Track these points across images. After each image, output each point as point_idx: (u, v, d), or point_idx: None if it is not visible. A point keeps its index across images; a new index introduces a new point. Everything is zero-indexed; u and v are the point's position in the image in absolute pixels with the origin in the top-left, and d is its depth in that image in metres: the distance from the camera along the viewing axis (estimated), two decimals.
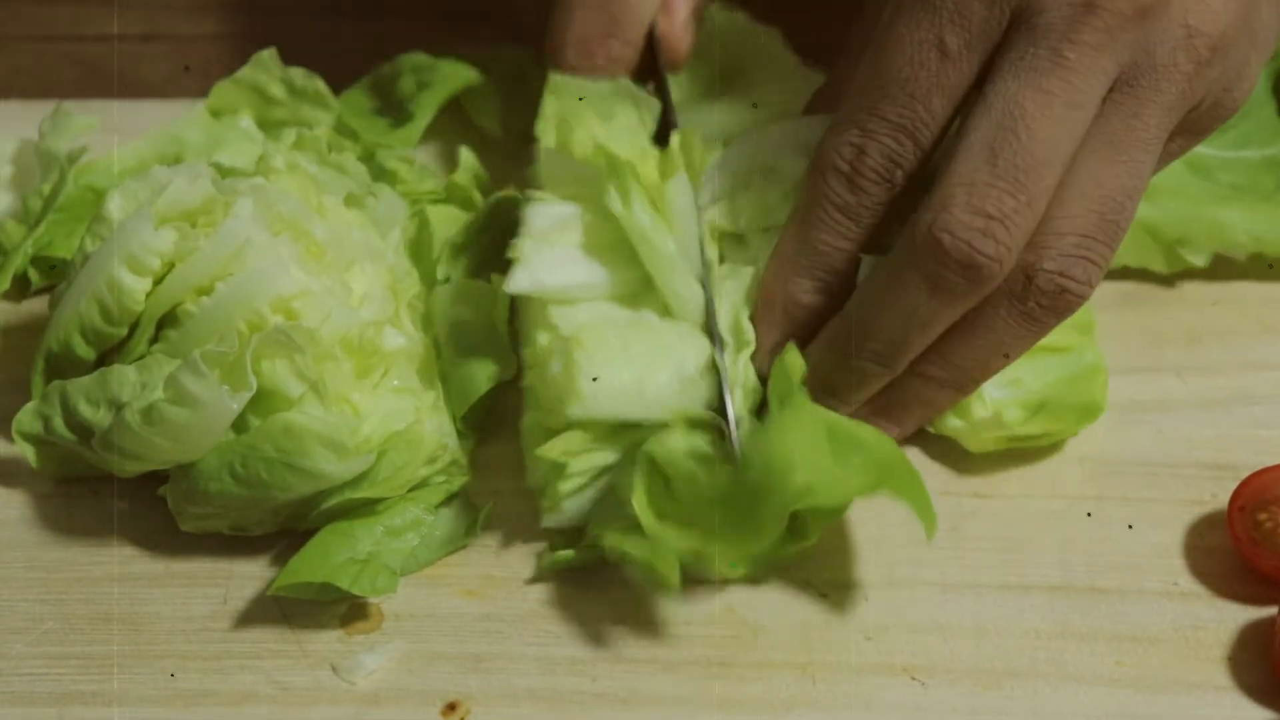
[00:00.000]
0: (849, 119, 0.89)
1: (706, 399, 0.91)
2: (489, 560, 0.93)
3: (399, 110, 1.08)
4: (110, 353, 0.94)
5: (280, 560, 0.92)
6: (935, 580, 0.92)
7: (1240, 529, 0.91)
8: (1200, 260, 1.01)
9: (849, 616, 0.90)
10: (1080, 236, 0.87)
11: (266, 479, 0.89)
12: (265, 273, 0.91)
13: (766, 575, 0.91)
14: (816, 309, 0.92)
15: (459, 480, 0.94)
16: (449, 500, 0.94)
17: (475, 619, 0.91)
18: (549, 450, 0.90)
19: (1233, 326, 1.02)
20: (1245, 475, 0.92)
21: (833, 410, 0.90)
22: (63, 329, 0.93)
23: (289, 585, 0.89)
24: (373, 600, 0.91)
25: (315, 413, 0.89)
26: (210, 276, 0.92)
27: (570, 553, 0.91)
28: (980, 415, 0.94)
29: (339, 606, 0.91)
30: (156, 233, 0.92)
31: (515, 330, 0.97)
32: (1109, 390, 0.96)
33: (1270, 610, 0.90)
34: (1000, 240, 0.85)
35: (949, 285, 0.86)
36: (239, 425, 0.89)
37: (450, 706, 0.88)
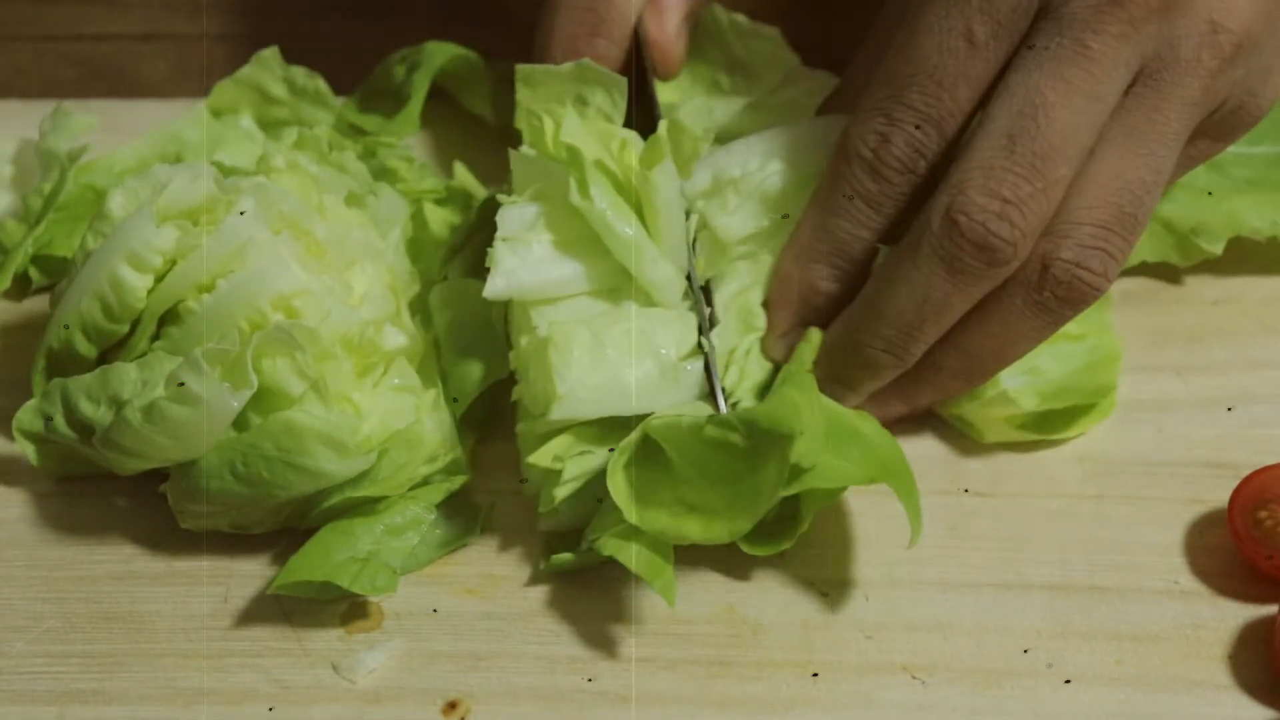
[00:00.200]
0: (874, 107, 0.89)
1: (695, 384, 0.91)
2: (489, 559, 0.93)
3: (395, 98, 1.08)
4: (111, 350, 0.94)
5: (281, 559, 0.92)
6: (935, 579, 0.92)
7: (1241, 528, 0.91)
8: (1216, 248, 1.01)
9: (849, 615, 0.90)
10: (1097, 227, 0.87)
11: (267, 477, 0.89)
12: (266, 271, 0.91)
13: (763, 560, 0.91)
14: (833, 297, 0.92)
15: (459, 479, 0.94)
16: (449, 499, 0.94)
17: (475, 618, 0.91)
18: (541, 457, 0.90)
19: (1233, 326, 1.02)
20: (1245, 474, 0.92)
21: (841, 400, 0.91)
22: (64, 327, 0.93)
23: (289, 584, 0.89)
24: (373, 599, 0.91)
25: (316, 411, 0.89)
26: (211, 274, 0.92)
27: (570, 556, 0.91)
28: (991, 394, 0.94)
29: (339, 605, 0.91)
30: (158, 230, 0.92)
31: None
32: None
33: (1271, 609, 0.90)
34: (1015, 224, 0.86)
35: (964, 267, 0.87)
36: (240, 423, 0.89)
37: (450, 705, 0.88)
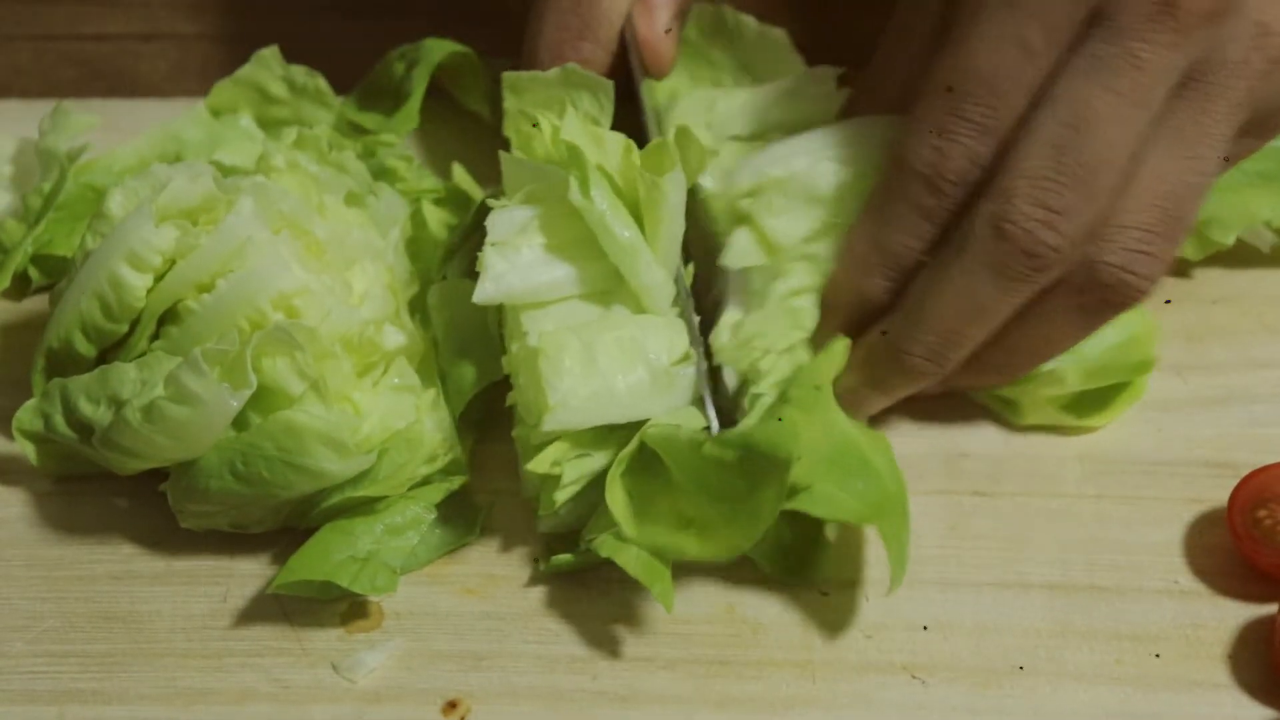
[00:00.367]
0: (929, 120, 0.88)
1: (688, 388, 0.91)
2: (489, 559, 0.93)
3: (395, 95, 1.08)
4: (111, 350, 0.94)
5: (281, 558, 0.92)
6: (935, 579, 0.92)
7: (1240, 527, 0.91)
8: (1228, 239, 1.01)
9: (849, 615, 0.90)
10: (1143, 231, 0.87)
11: (267, 477, 0.89)
12: (266, 270, 0.91)
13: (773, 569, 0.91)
14: (883, 305, 0.92)
15: (459, 479, 0.94)
16: (449, 499, 0.94)
17: (475, 617, 0.91)
18: (539, 465, 0.90)
19: (1233, 325, 1.02)
20: (1245, 474, 0.92)
21: (868, 404, 0.91)
22: (64, 326, 0.93)
23: (289, 583, 0.89)
24: (373, 598, 0.91)
25: (316, 411, 0.89)
26: (211, 273, 0.92)
27: (569, 557, 0.91)
28: (1038, 373, 0.94)
29: (339, 605, 0.91)
30: (158, 230, 0.92)
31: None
32: None
33: (1270, 608, 0.90)
34: (1062, 232, 0.86)
35: (1010, 274, 0.87)
36: (240, 423, 0.89)
37: (450, 704, 0.88)
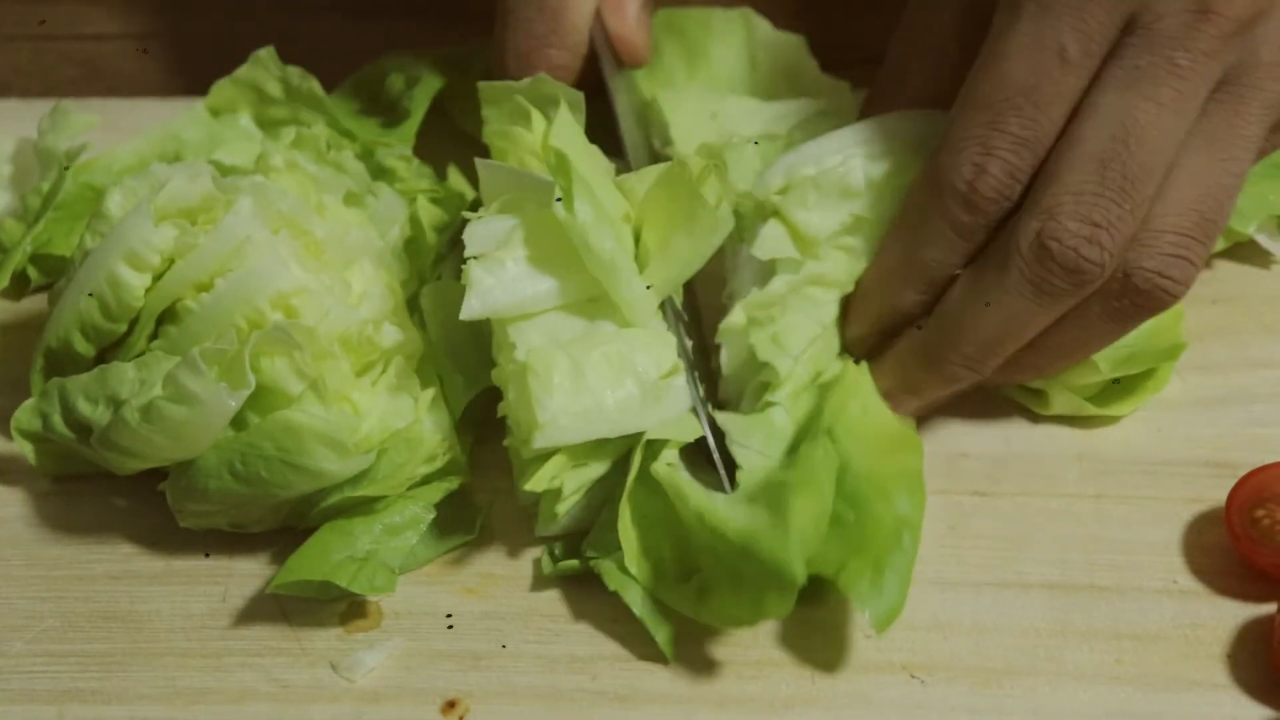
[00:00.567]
0: (969, 135, 0.87)
1: (681, 397, 0.91)
2: (488, 558, 0.93)
3: (392, 110, 1.08)
4: (110, 349, 0.94)
5: (280, 558, 0.92)
6: (934, 578, 0.92)
7: (1239, 527, 0.91)
8: (1248, 229, 1.02)
9: (849, 615, 0.90)
10: (1179, 235, 0.87)
11: (266, 477, 0.89)
12: (265, 270, 0.91)
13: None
14: (913, 316, 0.92)
15: (458, 479, 0.94)
16: (448, 499, 0.94)
17: (475, 617, 0.91)
18: (537, 484, 0.90)
19: (1232, 325, 1.02)
20: (1244, 473, 0.92)
21: (902, 405, 0.91)
22: (62, 326, 0.93)
23: (288, 583, 0.89)
24: (372, 598, 0.91)
25: (315, 411, 0.89)
26: (210, 273, 0.92)
27: (575, 563, 0.91)
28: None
29: (338, 604, 0.91)
30: (156, 229, 0.92)
31: None
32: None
33: (1269, 608, 0.90)
34: (1105, 247, 0.85)
35: (1053, 289, 0.86)
36: (239, 422, 0.89)
37: (450, 704, 0.88)
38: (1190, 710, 0.87)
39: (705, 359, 0.95)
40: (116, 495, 0.95)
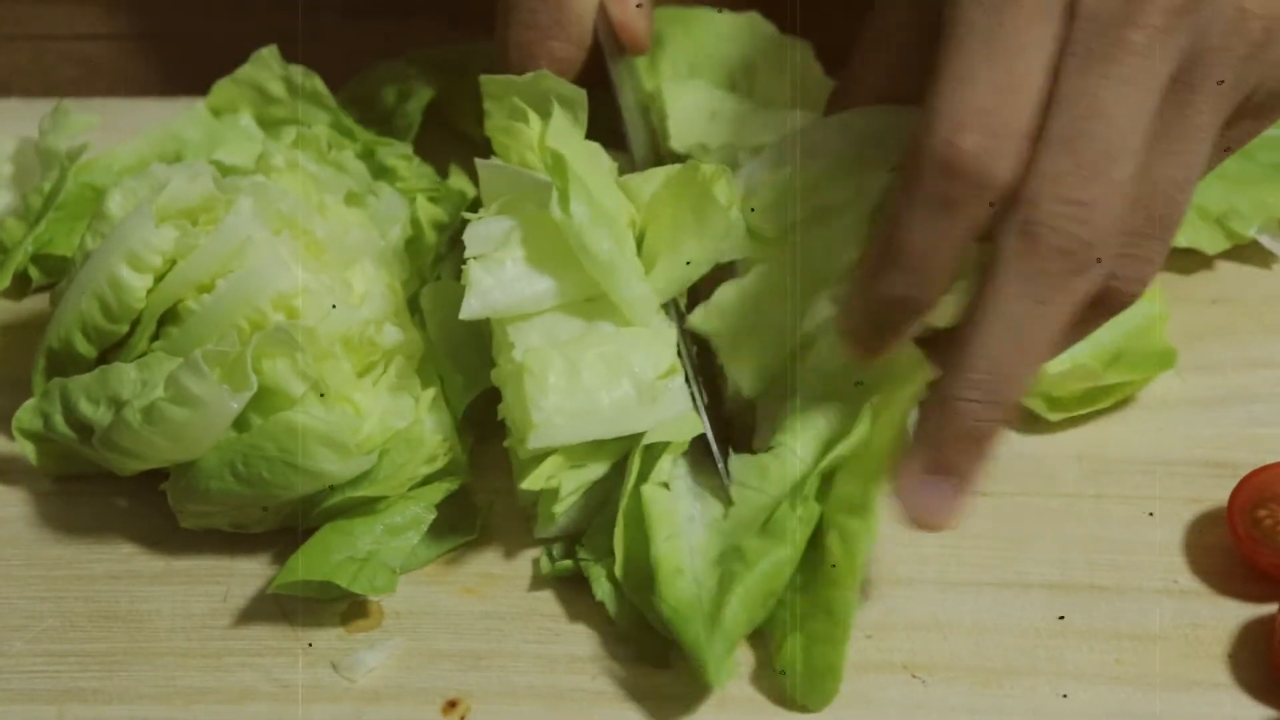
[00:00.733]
0: (941, 114, 0.84)
1: (680, 398, 0.91)
2: (489, 558, 0.93)
3: (388, 122, 1.08)
4: (111, 350, 0.94)
5: (280, 558, 0.92)
6: (935, 578, 0.92)
7: (1240, 527, 0.91)
8: (1248, 231, 1.01)
9: None
10: (1129, 234, 0.85)
11: (268, 478, 0.89)
12: (266, 270, 0.91)
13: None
14: (909, 310, 0.86)
15: (459, 479, 0.94)
16: (449, 499, 0.94)
17: (475, 617, 0.91)
18: (533, 483, 0.90)
19: (1232, 324, 1.02)
20: (1245, 473, 0.92)
21: (950, 506, 0.86)
22: (64, 326, 0.93)
23: (289, 583, 0.89)
24: (373, 598, 0.91)
25: (316, 412, 0.89)
26: (211, 274, 0.92)
27: (569, 564, 0.91)
28: (1057, 370, 0.94)
29: (339, 604, 0.91)
30: (157, 230, 0.92)
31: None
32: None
33: (1270, 608, 0.90)
34: (1093, 224, 0.83)
35: (1046, 279, 0.83)
36: (240, 423, 0.89)
37: (450, 704, 0.88)
38: (1190, 710, 0.87)
39: (711, 362, 0.95)
40: (117, 495, 0.95)
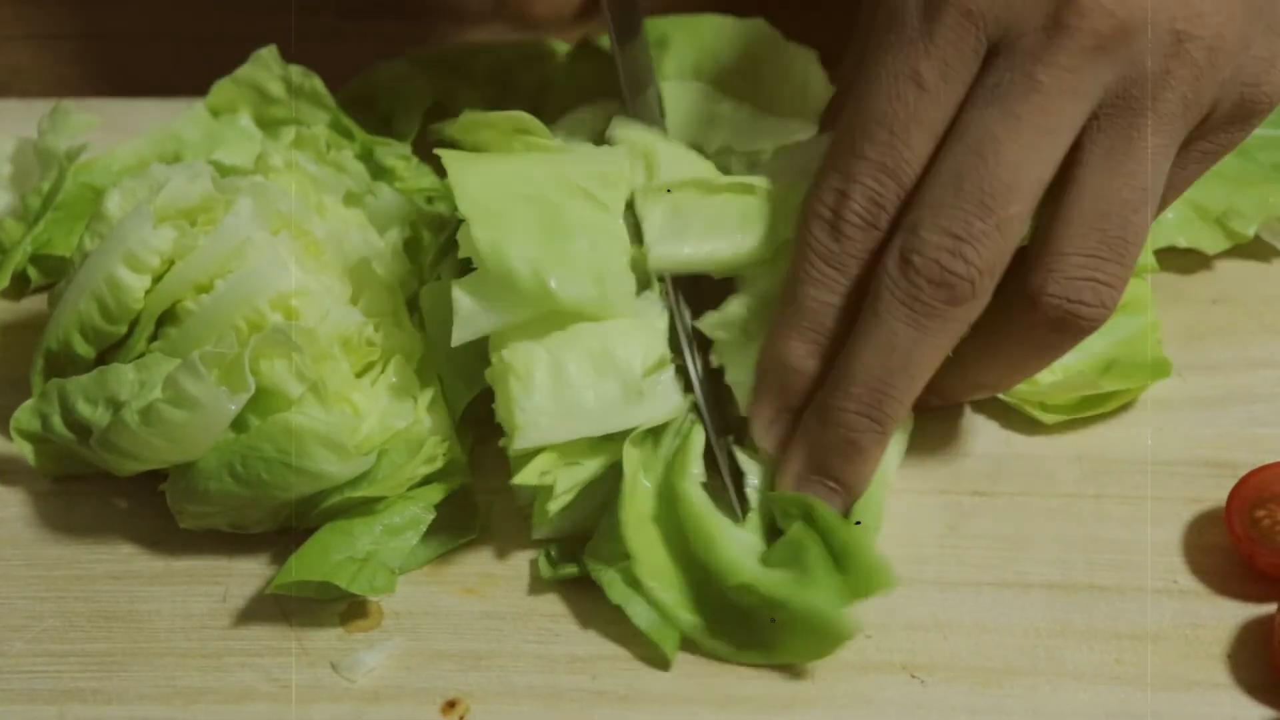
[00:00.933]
0: (831, 166, 0.87)
1: (671, 393, 0.91)
2: (488, 558, 0.93)
3: (386, 123, 1.08)
4: (109, 351, 0.94)
5: (280, 558, 0.92)
6: (934, 578, 0.92)
7: (1239, 527, 0.91)
8: (1249, 231, 1.02)
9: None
10: (1084, 256, 0.86)
11: (267, 479, 0.89)
12: (265, 271, 0.91)
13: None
14: (811, 376, 0.89)
15: (458, 479, 0.94)
16: (448, 499, 0.94)
17: (475, 617, 0.91)
18: (527, 476, 0.90)
19: (1232, 325, 1.02)
20: (1244, 473, 0.92)
21: (839, 499, 0.90)
22: (62, 327, 0.93)
23: (288, 583, 0.89)
24: (372, 598, 0.91)
25: (315, 413, 0.89)
26: (210, 274, 0.92)
27: (574, 569, 0.91)
28: (1050, 380, 0.94)
29: (339, 604, 0.91)
30: (155, 230, 0.92)
31: None
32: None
33: (1269, 608, 0.90)
34: (970, 260, 0.84)
35: (924, 309, 0.85)
36: (239, 424, 0.89)
37: (450, 704, 0.88)
38: (1190, 710, 0.87)
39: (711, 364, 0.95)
40: (116, 496, 0.95)
